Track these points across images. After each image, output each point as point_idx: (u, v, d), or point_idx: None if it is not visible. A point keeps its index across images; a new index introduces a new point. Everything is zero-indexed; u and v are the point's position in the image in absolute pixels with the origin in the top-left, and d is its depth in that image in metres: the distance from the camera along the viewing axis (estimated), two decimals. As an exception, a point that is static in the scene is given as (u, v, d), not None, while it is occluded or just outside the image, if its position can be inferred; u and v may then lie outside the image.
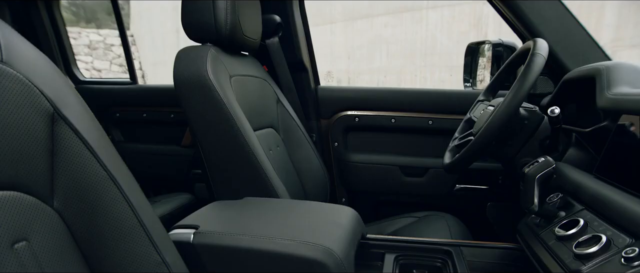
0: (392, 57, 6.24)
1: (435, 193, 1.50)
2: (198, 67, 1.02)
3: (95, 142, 0.56)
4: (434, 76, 6.11)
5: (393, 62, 6.26)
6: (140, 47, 7.55)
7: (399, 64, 6.25)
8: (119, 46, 7.58)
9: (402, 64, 6.23)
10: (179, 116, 1.75)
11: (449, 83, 6.03)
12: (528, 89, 0.91)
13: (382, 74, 6.30)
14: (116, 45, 7.53)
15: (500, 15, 1.34)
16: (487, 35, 5.73)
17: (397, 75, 6.23)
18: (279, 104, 1.36)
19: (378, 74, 6.38)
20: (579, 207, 0.76)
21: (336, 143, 1.60)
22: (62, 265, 0.52)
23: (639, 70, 0.93)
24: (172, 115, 1.76)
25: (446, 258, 0.90)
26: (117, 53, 7.63)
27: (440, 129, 1.50)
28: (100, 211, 0.56)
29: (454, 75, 6.03)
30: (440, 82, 6.07)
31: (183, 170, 1.74)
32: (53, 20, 1.92)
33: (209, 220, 0.84)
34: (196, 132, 1.05)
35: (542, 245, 0.73)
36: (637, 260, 0.55)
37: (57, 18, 1.93)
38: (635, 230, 0.60)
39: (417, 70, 6.20)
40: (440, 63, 6.08)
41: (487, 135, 0.93)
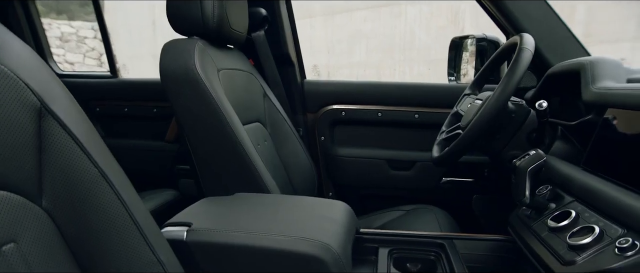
0: (372, 52, 6.27)
1: (422, 186, 1.51)
2: (185, 60, 1.00)
3: (84, 137, 0.54)
4: (412, 70, 6.17)
5: (372, 56, 6.28)
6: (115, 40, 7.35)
7: (378, 58, 6.28)
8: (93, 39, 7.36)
9: (382, 58, 6.27)
10: (162, 111, 1.71)
11: (427, 77, 6.10)
12: (516, 82, 0.92)
13: (362, 68, 6.32)
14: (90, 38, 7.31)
15: (485, 11, 1.36)
16: (463, 30, 5.81)
17: (377, 70, 6.26)
18: (265, 98, 1.34)
19: (357, 68, 6.39)
20: (569, 199, 0.78)
21: (323, 138, 1.60)
22: (52, 267, 0.50)
23: (621, 65, 0.95)
24: (154, 110, 1.72)
25: (439, 252, 0.91)
26: (91, 46, 7.40)
27: (427, 122, 1.51)
28: (92, 209, 0.54)
29: (432, 69, 6.10)
30: (419, 76, 6.13)
31: (167, 165, 1.71)
32: (27, 12, 1.85)
33: (201, 217, 0.82)
34: (184, 127, 1.03)
35: (535, 237, 0.75)
36: (631, 250, 0.56)
37: (32, 9, 1.85)
38: (626, 220, 0.62)
39: (396, 65, 6.25)
40: (419, 57, 6.14)
41: (477, 129, 0.94)
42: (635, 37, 5.22)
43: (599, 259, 0.60)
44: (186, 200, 1.61)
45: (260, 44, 1.43)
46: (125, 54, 7.20)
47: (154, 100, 1.73)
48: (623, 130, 0.76)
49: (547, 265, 0.67)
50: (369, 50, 6.26)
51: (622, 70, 0.93)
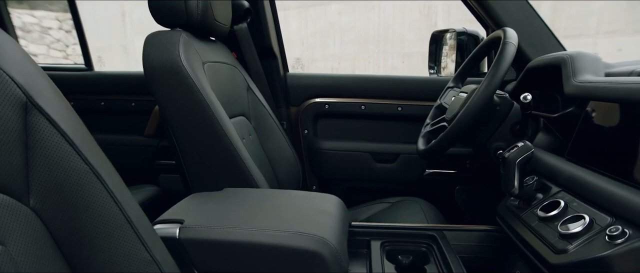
0: (346, 44, 6.28)
1: (406, 178, 1.53)
2: (170, 53, 0.97)
3: (73, 133, 0.51)
4: (387, 63, 6.22)
5: (347, 49, 6.30)
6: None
7: (352, 51, 6.30)
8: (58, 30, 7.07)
9: (356, 51, 6.29)
10: (140, 104, 1.66)
11: (401, 69, 6.16)
12: (502, 76, 0.94)
13: (336, 60, 6.32)
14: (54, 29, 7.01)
15: (466, 6, 1.38)
16: (436, 24, 5.90)
17: (351, 62, 6.28)
18: (249, 91, 1.32)
19: (332, 61, 6.40)
20: (556, 189, 0.80)
21: (306, 131, 1.59)
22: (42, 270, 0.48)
23: (599, 59, 0.99)
24: (133, 104, 1.67)
25: (431, 243, 0.92)
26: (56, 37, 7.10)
27: (410, 115, 1.52)
28: (83, 209, 0.52)
29: (406, 62, 6.17)
30: (393, 68, 6.19)
31: (147, 161, 1.66)
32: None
33: (193, 213, 0.80)
34: (169, 121, 1.00)
35: (525, 227, 0.77)
36: (621, 238, 0.59)
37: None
38: (614, 209, 0.64)
39: (371, 57, 6.28)
40: (393, 50, 6.19)
41: (465, 121, 0.96)
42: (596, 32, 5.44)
43: (590, 247, 0.62)
44: (167, 196, 1.58)
45: (242, 36, 1.41)
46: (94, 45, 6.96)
47: (132, 93, 1.67)
48: (605, 122, 0.79)
49: (539, 254, 0.69)
50: (344, 43, 6.27)
51: (600, 64, 0.97)
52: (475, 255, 0.93)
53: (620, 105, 0.74)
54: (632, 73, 0.90)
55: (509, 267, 0.88)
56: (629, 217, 0.61)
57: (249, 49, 1.42)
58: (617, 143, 0.72)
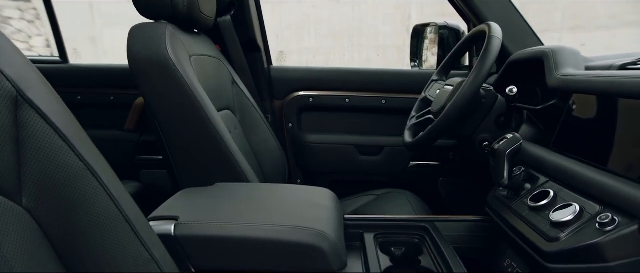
0: (321, 38, 6.26)
1: (391, 171, 1.55)
2: (157, 46, 0.95)
3: (66, 128, 0.49)
4: (361, 56, 6.25)
5: (322, 42, 6.28)
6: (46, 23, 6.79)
7: (327, 44, 6.29)
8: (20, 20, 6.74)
9: (331, 44, 6.28)
10: (120, 98, 1.61)
11: (376, 62, 6.21)
12: (488, 69, 0.96)
13: (311, 54, 6.31)
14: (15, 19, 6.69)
15: (449, 1, 1.40)
16: (410, 17, 5.97)
17: (326, 55, 6.28)
18: (234, 84, 1.31)
19: (307, 54, 6.37)
20: (544, 179, 0.83)
21: (290, 124, 1.59)
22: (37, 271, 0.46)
23: (579, 53, 1.02)
24: (111, 98, 1.61)
25: (423, 234, 0.93)
26: (17, 27, 6.77)
27: (393, 108, 1.54)
28: (78, 207, 0.50)
29: (380, 55, 6.21)
30: (368, 61, 6.23)
31: (128, 156, 1.62)
32: None
33: (186, 209, 0.79)
34: (156, 116, 0.98)
35: (516, 216, 0.79)
36: (611, 225, 0.61)
37: None
38: (603, 198, 0.67)
39: (345, 51, 6.30)
40: (368, 43, 6.22)
41: (453, 113, 0.98)
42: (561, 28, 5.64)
43: (582, 235, 0.64)
44: (149, 192, 1.54)
45: (226, 29, 1.39)
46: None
47: (110, 87, 1.62)
48: (588, 113, 0.82)
49: (532, 243, 0.71)
50: (318, 36, 6.26)
51: (580, 58, 1.00)
52: (466, 245, 0.95)
53: (602, 98, 0.77)
54: (611, 67, 0.93)
55: (499, 256, 0.90)
56: (617, 205, 0.63)
57: (233, 42, 1.41)
58: (600, 134, 0.75)
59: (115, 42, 5.94)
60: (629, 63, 0.90)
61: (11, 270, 0.42)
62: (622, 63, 0.91)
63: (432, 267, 0.84)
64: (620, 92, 0.72)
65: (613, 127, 0.73)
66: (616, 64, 0.93)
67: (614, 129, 0.72)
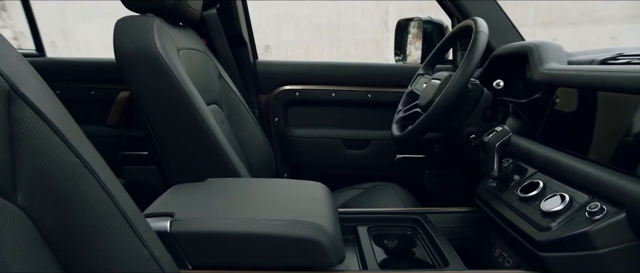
0: (300, 32, 6.24)
1: (377, 164, 1.56)
2: (145, 39, 0.93)
3: (61, 123, 0.48)
4: (340, 50, 6.25)
5: (301, 36, 6.26)
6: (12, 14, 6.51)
7: (306, 38, 6.27)
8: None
9: (310, 38, 6.26)
10: (101, 93, 1.57)
11: (355, 56, 6.22)
12: (476, 63, 0.98)
13: (290, 47, 6.28)
14: (-21, 10, 6.40)
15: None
16: (388, 12, 6.01)
17: (305, 49, 6.26)
18: (220, 79, 1.29)
19: (286, 48, 6.34)
20: (532, 171, 0.85)
21: (277, 119, 1.58)
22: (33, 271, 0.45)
23: (561, 48, 1.05)
24: (92, 92, 1.57)
25: (415, 226, 0.95)
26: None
27: (379, 101, 1.55)
28: (75, 204, 0.49)
29: (359, 49, 6.23)
30: (347, 55, 6.24)
31: (111, 152, 1.58)
32: None
33: (181, 205, 0.78)
34: (145, 110, 0.96)
35: (507, 207, 0.81)
36: (600, 214, 0.64)
37: None
38: (591, 188, 0.69)
39: (325, 45, 6.29)
40: (346, 37, 6.23)
41: (443, 107, 0.99)
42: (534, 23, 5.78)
43: (572, 224, 0.67)
44: (133, 188, 1.51)
45: (212, 22, 1.37)
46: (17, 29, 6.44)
47: (91, 81, 1.58)
48: (573, 106, 0.85)
49: (524, 232, 0.73)
50: (298, 30, 6.23)
51: (563, 53, 1.03)
52: (456, 236, 0.97)
53: (586, 91, 0.80)
54: (592, 62, 0.96)
55: (489, 246, 0.93)
56: (605, 194, 0.66)
57: (219, 36, 1.39)
58: (584, 126, 0.78)
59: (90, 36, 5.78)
60: (609, 58, 0.93)
61: (9, 271, 0.41)
62: (603, 58, 0.94)
63: (426, 258, 0.85)
64: (604, 86, 0.75)
65: (597, 119, 0.76)
66: (597, 59, 0.96)
67: (598, 121, 0.75)
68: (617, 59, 0.91)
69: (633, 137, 0.66)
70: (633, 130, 0.67)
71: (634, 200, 0.60)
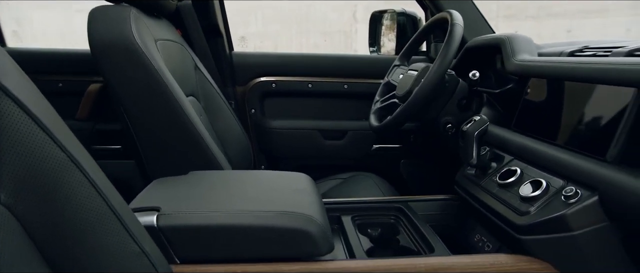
0: (268, 23, 6.19)
1: (354, 154, 1.58)
2: (122, 29, 0.90)
3: (46, 117, 0.46)
4: (309, 41, 6.24)
5: (269, 28, 6.21)
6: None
7: (274, 30, 6.23)
8: None
9: (278, 30, 6.22)
10: (69, 85, 1.51)
11: (323, 48, 6.24)
12: (453, 55, 1.01)
13: (258, 39, 6.22)
14: None
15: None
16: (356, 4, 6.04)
17: (274, 41, 6.21)
18: (197, 70, 1.27)
19: (254, 40, 6.27)
20: (509, 158, 0.89)
21: (253, 110, 1.57)
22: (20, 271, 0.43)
23: (531, 41, 1.10)
24: (60, 84, 1.50)
25: (398, 215, 0.97)
26: None
27: (356, 92, 1.57)
28: (63, 201, 0.47)
29: (327, 40, 6.25)
30: (315, 47, 6.24)
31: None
32: None
33: (166, 199, 0.76)
34: (123, 103, 0.93)
35: (487, 193, 0.85)
36: (575, 198, 0.68)
37: None
38: (565, 173, 0.73)
39: (293, 36, 6.27)
40: (315, 29, 6.23)
41: (421, 97, 1.02)
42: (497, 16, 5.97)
43: (549, 207, 0.70)
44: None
45: (187, 13, 1.34)
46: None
47: (57, 73, 1.51)
48: (545, 96, 0.89)
49: (504, 217, 0.76)
50: (266, 22, 6.17)
51: (533, 45, 1.08)
52: (437, 223, 1.00)
53: (557, 82, 0.84)
54: (561, 54, 1.01)
55: (469, 232, 0.96)
56: (578, 179, 0.70)
57: (195, 27, 1.36)
58: (556, 114, 0.82)
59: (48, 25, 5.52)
60: (576, 50, 0.97)
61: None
62: (570, 50, 0.99)
63: (411, 245, 0.88)
64: (574, 77, 0.79)
65: (569, 108, 0.80)
66: (565, 51, 1.00)
67: (570, 109, 0.79)
68: (583, 51, 0.95)
69: (602, 125, 0.71)
70: (602, 118, 0.71)
71: (605, 184, 0.64)
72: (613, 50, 0.83)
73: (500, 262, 0.72)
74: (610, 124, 0.68)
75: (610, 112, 0.69)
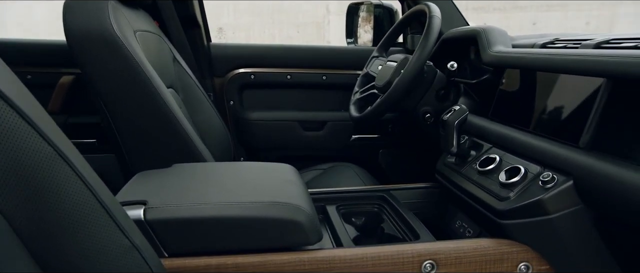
0: (240, 14, 6.12)
1: (334, 145, 1.60)
2: (100, 20, 0.88)
3: (31, 110, 0.45)
4: (282, 33, 6.21)
5: (241, 19, 6.14)
6: None
7: (247, 21, 6.17)
8: None
9: (251, 21, 6.16)
10: (39, 77, 1.45)
11: (296, 39, 6.22)
12: (432, 46, 1.03)
13: (231, 30, 6.14)
14: None
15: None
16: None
17: (246, 32, 6.15)
18: (175, 62, 1.25)
19: (226, 31, 6.20)
20: (488, 146, 0.92)
21: (232, 102, 1.56)
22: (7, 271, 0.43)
23: (506, 33, 1.13)
24: (28, 77, 1.45)
25: (382, 203, 0.99)
26: None
27: (334, 83, 1.59)
28: (51, 196, 0.46)
29: (300, 32, 6.23)
30: (288, 38, 6.22)
31: None
32: None
33: (152, 192, 0.75)
34: (102, 96, 0.91)
35: (468, 181, 0.88)
36: (551, 183, 0.71)
37: None
38: (542, 159, 0.77)
39: (266, 27, 6.22)
40: (288, 20, 6.20)
41: (401, 87, 1.04)
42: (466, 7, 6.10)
43: (528, 193, 0.74)
44: None
45: (165, 4, 1.31)
46: None
47: (26, 65, 1.45)
48: (520, 86, 0.93)
49: (485, 203, 0.79)
50: (238, 13, 6.10)
51: (507, 37, 1.12)
52: (419, 210, 1.03)
53: (531, 72, 0.87)
54: (534, 45, 1.05)
55: (450, 218, 0.99)
56: (554, 164, 0.73)
57: (172, 18, 1.34)
58: (531, 103, 0.86)
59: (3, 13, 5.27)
60: (548, 42, 1.01)
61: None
62: (543, 42, 1.03)
63: (396, 233, 0.90)
64: (547, 67, 0.83)
65: (542, 97, 0.83)
66: (538, 43, 1.04)
67: (544, 98, 0.83)
68: (554, 43, 0.99)
69: (574, 113, 0.74)
70: (574, 107, 0.75)
71: (579, 169, 0.68)
72: (582, 42, 0.86)
73: (482, 246, 0.75)
74: (582, 112, 0.72)
75: (581, 100, 0.73)
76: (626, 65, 0.64)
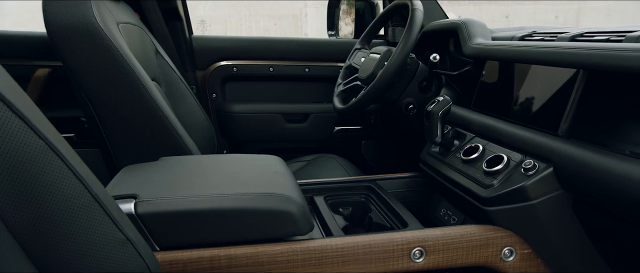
0: (217, 6, 6.03)
1: (317, 137, 1.61)
2: (83, 13, 0.86)
3: (21, 104, 0.44)
4: (259, 25, 6.17)
5: (218, 11, 6.06)
6: None
7: (223, 13, 6.09)
8: None
9: (227, 13, 6.09)
10: (13, 70, 1.39)
11: (273, 31, 6.19)
12: (415, 38, 1.05)
13: (208, 23, 6.06)
14: None
15: None
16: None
17: (223, 24, 6.08)
18: (157, 55, 1.23)
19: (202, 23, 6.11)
20: (470, 136, 0.95)
21: (214, 95, 1.55)
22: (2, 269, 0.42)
23: (485, 26, 1.16)
24: None
25: (369, 193, 1.01)
26: None
27: (317, 75, 1.59)
28: (43, 191, 0.45)
29: (278, 24, 6.20)
30: (266, 31, 6.17)
31: None
32: None
33: (142, 186, 0.75)
34: (86, 90, 0.89)
35: (452, 169, 0.90)
36: (533, 170, 0.74)
37: None
38: (523, 148, 0.80)
39: (242, 20, 6.16)
40: (264, 12, 6.16)
41: (385, 79, 1.05)
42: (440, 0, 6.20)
43: (511, 180, 0.77)
44: None
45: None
46: None
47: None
48: (500, 77, 0.96)
49: (470, 191, 0.82)
50: (214, 5, 6.01)
51: (487, 30, 1.15)
52: (405, 199, 1.05)
53: (511, 64, 0.90)
54: (513, 38, 1.08)
55: (434, 207, 1.02)
56: (535, 152, 0.76)
57: (154, 10, 1.32)
58: (512, 94, 0.89)
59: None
60: (526, 35, 1.05)
61: None
62: (521, 35, 1.06)
63: (384, 222, 0.92)
64: (526, 59, 0.86)
65: (522, 87, 0.86)
66: (516, 36, 1.08)
67: (524, 89, 0.86)
68: (532, 36, 1.03)
69: (553, 103, 0.78)
70: (552, 97, 0.78)
71: (559, 156, 0.71)
72: (558, 35, 0.90)
73: (469, 232, 0.77)
74: (560, 102, 0.75)
75: (559, 91, 0.76)
76: (600, 57, 0.67)
